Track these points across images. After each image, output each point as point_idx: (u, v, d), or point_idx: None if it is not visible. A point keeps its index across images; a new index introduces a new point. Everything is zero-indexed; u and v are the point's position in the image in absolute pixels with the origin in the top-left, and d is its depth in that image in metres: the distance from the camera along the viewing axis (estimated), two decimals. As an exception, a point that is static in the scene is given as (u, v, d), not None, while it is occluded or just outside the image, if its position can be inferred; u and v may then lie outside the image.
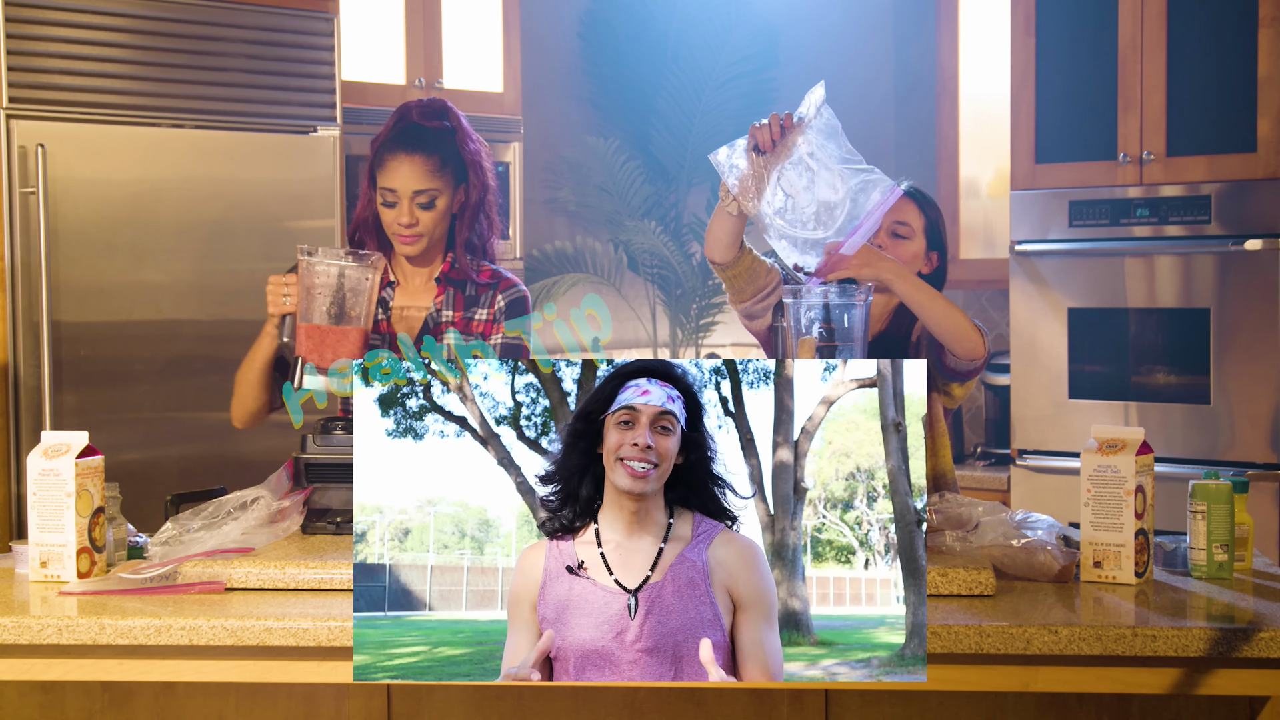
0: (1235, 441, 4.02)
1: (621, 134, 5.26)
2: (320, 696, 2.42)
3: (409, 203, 2.83)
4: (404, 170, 2.82)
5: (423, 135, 2.85)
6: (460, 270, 2.93)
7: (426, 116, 2.88)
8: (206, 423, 3.88)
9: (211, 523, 2.59)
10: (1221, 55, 4.07)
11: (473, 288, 2.94)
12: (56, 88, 3.64)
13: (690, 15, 5.25)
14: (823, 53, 5.55)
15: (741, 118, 5.29)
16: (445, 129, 2.88)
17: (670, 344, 5.34)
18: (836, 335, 2.62)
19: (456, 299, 2.94)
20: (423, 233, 2.86)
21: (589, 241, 5.17)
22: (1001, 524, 2.52)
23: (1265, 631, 2.10)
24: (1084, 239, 4.25)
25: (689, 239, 5.31)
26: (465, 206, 2.90)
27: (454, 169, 2.87)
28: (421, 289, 2.97)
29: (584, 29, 5.36)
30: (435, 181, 2.83)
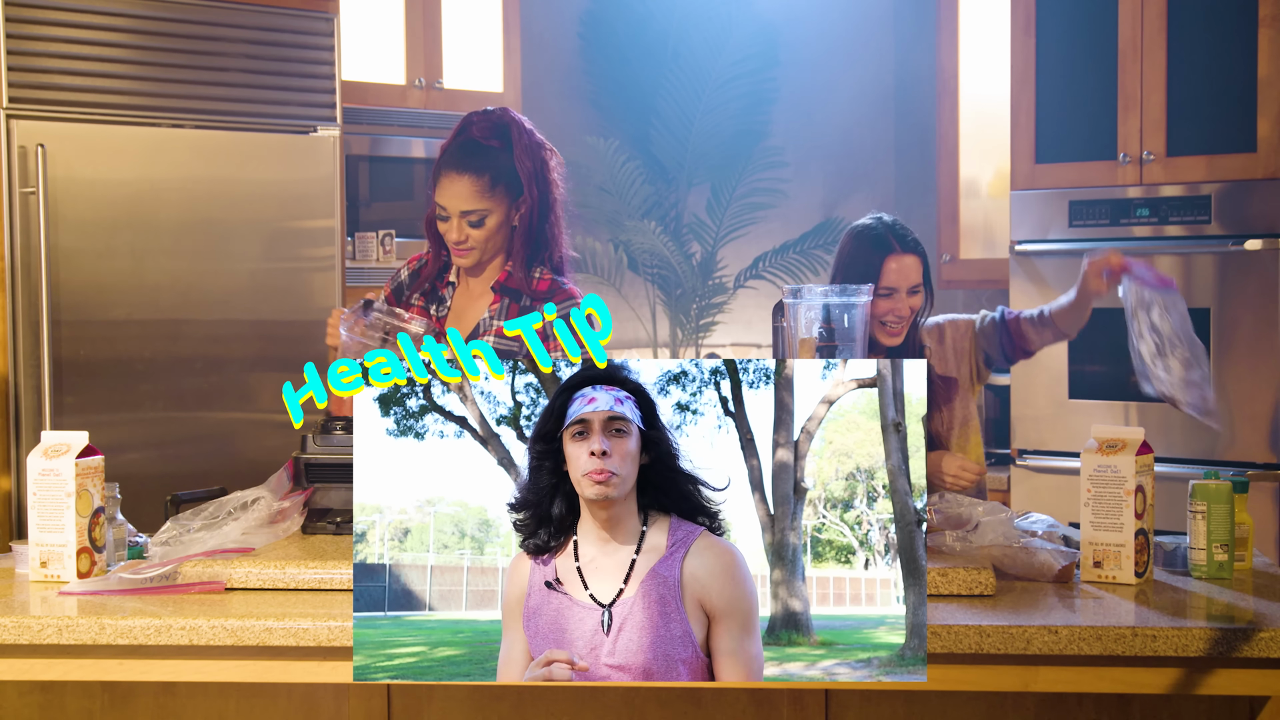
0: (1235, 441, 4.02)
1: (621, 134, 5.26)
2: (320, 696, 2.42)
3: (458, 220, 2.87)
4: (453, 189, 2.85)
5: (474, 154, 2.86)
6: (515, 280, 2.95)
7: (485, 132, 2.89)
8: (206, 423, 3.88)
9: (212, 523, 2.59)
10: (1221, 55, 4.07)
11: (527, 298, 2.96)
12: (56, 88, 3.64)
13: (690, 15, 5.25)
14: (823, 53, 5.55)
15: (741, 118, 5.30)
16: (502, 147, 2.88)
17: (670, 344, 5.34)
18: (836, 335, 2.62)
19: (510, 309, 2.96)
20: (473, 247, 2.90)
21: (589, 241, 5.17)
22: (1001, 524, 2.52)
23: (1265, 631, 2.10)
24: (1084, 239, 4.25)
25: (689, 239, 5.31)
26: (524, 219, 2.92)
27: (506, 186, 2.88)
28: (480, 294, 3.01)
29: (584, 29, 5.36)
30: (484, 202, 2.86)
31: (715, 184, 5.31)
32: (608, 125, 5.32)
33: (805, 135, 5.53)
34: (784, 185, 5.30)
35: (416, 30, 4.53)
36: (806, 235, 5.26)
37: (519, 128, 2.92)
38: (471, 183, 2.85)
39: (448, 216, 2.88)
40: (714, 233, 5.28)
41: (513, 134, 2.90)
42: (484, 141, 2.88)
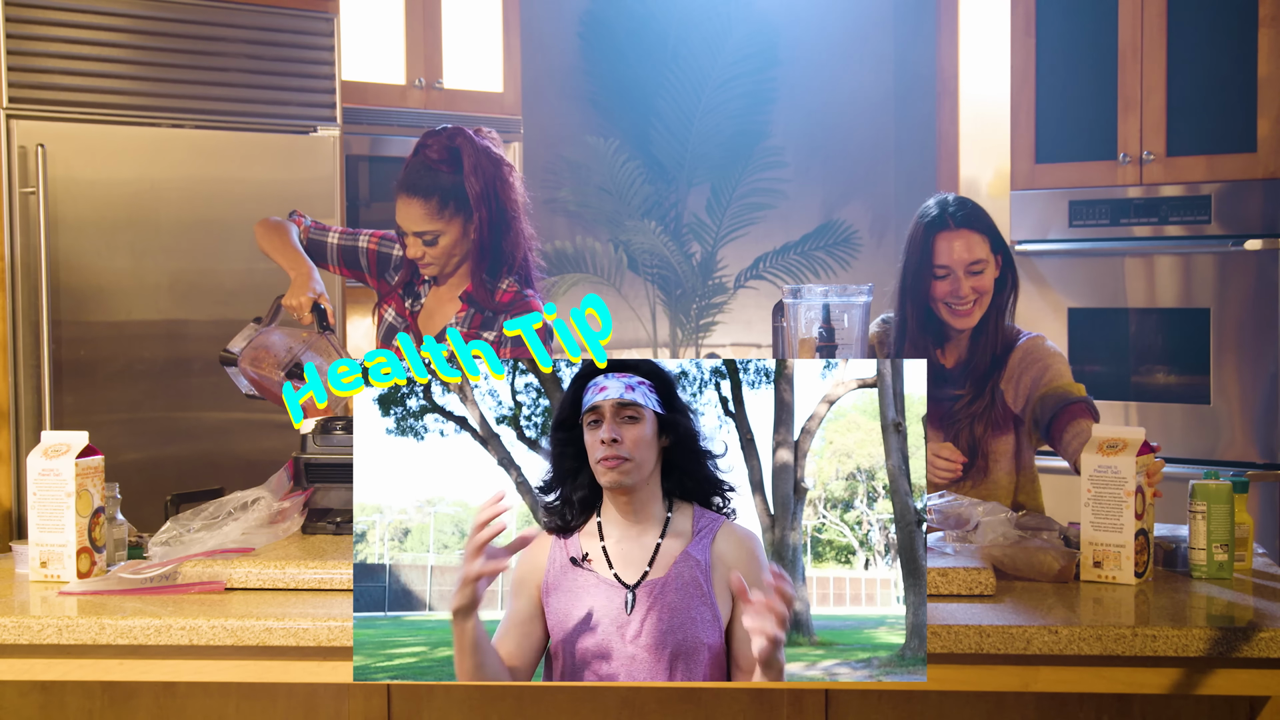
0: (1235, 441, 4.02)
1: (621, 134, 5.26)
2: (320, 696, 2.42)
3: (413, 239, 2.94)
4: (406, 211, 2.93)
5: (424, 177, 2.92)
6: (480, 294, 3.01)
7: (438, 153, 2.93)
8: (206, 423, 3.88)
9: (212, 523, 2.59)
10: (1221, 55, 4.07)
11: (490, 310, 3.02)
12: (56, 88, 3.64)
13: (690, 15, 5.25)
14: (823, 53, 5.55)
15: (741, 118, 5.30)
16: (449, 172, 2.93)
17: (670, 344, 5.34)
18: (836, 335, 2.62)
19: (474, 319, 3.02)
20: (430, 263, 2.97)
21: (589, 241, 5.17)
22: (1001, 524, 2.52)
23: (1265, 631, 2.10)
24: (1084, 239, 4.25)
25: (689, 239, 5.31)
26: (477, 238, 2.97)
27: (457, 205, 2.93)
28: (449, 296, 3.07)
29: (584, 29, 5.36)
30: (435, 223, 2.92)
31: (715, 184, 5.31)
32: (608, 125, 5.32)
33: (805, 135, 5.54)
34: (784, 185, 5.30)
35: (416, 30, 4.53)
36: (807, 236, 5.26)
37: (470, 147, 2.94)
38: (421, 205, 2.91)
39: (405, 234, 2.96)
40: (714, 233, 5.28)
41: (463, 155, 2.93)
42: (434, 164, 2.93)
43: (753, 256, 5.31)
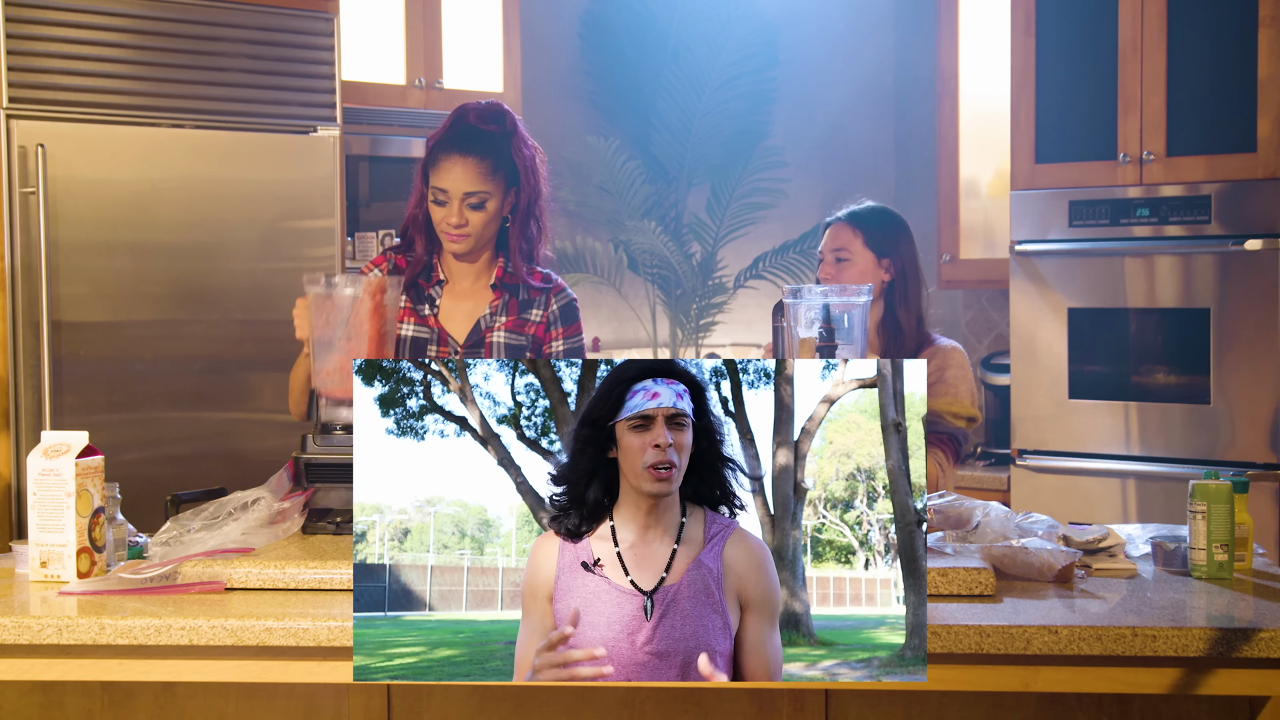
0: (1235, 441, 4.02)
1: (621, 134, 5.26)
2: (320, 696, 2.42)
3: (459, 203, 2.89)
4: (456, 171, 2.87)
5: (477, 138, 2.90)
6: (514, 275, 2.99)
7: (483, 119, 2.93)
8: (206, 423, 3.88)
9: (212, 523, 2.59)
10: (1221, 55, 4.07)
11: (525, 291, 3.00)
12: (56, 88, 3.64)
13: (690, 15, 5.24)
14: (823, 53, 5.55)
15: (741, 118, 5.30)
16: (500, 133, 2.93)
17: (670, 344, 5.34)
18: (836, 335, 2.62)
19: (510, 304, 3.00)
20: (471, 233, 2.91)
21: (589, 241, 5.17)
22: (1001, 524, 2.52)
23: (1265, 631, 2.10)
24: (1084, 239, 4.25)
25: (689, 239, 5.31)
26: (517, 210, 2.96)
27: (506, 173, 2.92)
28: (469, 290, 3.02)
29: (584, 29, 5.36)
30: (486, 185, 2.89)
31: (715, 184, 5.31)
32: (608, 125, 5.32)
33: (805, 135, 5.53)
34: (784, 185, 5.30)
35: (416, 30, 4.53)
36: (807, 235, 5.26)
37: (512, 119, 2.97)
38: (475, 165, 2.88)
39: (447, 200, 2.89)
40: (714, 233, 5.28)
41: (508, 123, 2.95)
42: (483, 127, 2.92)
43: (753, 256, 5.30)
